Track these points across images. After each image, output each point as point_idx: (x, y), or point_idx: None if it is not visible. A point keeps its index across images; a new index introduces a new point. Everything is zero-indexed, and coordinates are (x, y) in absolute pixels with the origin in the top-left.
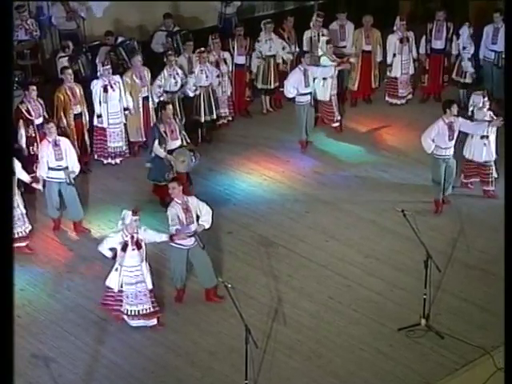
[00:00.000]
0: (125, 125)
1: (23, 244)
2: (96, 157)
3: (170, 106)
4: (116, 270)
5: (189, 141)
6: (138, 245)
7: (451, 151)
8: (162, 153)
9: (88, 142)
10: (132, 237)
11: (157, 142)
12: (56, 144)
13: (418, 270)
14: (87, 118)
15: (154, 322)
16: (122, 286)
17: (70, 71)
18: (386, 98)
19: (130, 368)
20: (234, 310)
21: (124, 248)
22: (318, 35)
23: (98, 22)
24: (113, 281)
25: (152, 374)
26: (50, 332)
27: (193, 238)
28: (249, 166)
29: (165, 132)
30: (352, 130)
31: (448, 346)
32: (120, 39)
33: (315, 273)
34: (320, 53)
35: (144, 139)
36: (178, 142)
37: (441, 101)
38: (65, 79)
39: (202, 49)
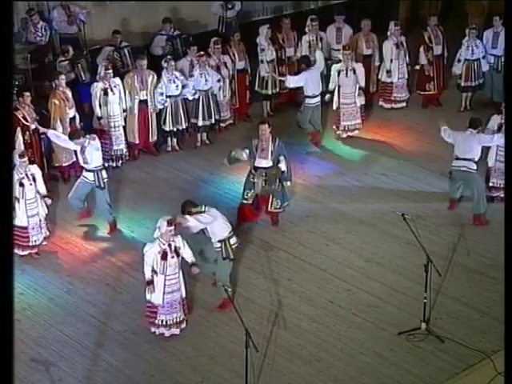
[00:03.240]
0: (124, 127)
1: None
2: None
3: (266, 126)
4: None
5: (279, 166)
6: (176, 252)
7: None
8: (242, 156)
9: None
10: (169, 245)
11: (246, 150)
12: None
13: (418, 274)
14: (78, 121)
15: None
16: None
17: (62, 76)
18: (380, 103)
19: (129, 372)
20: (234, 313)
21: (164, 256)
22: (317, 39)
23: (99, 26)
24: (157, 295)
25: (152, 378)
26: (49, 336)
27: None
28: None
29: (255, 147)
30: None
31: (448, 350)
32: (124, 44)
33: (315, 277)
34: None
35: (138, 142)
36: (264, 162)
37: (441, 104)
38: (57, 84)
39: (202, 52)
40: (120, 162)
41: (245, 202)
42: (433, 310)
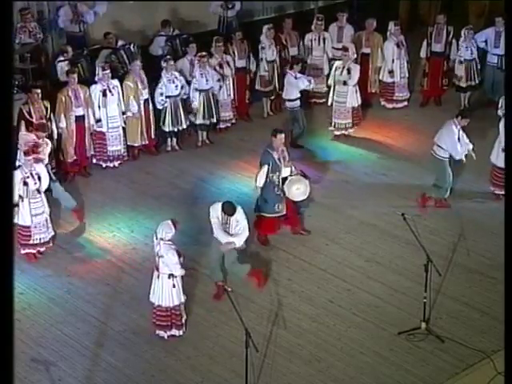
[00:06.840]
0: (123, 128)
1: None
2: (95, 160)
3: (282, 135)
4: (174, 285)
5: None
6: (179, 253)
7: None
8: (262, 182)
9: (88, 146)
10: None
11: (266, 168)
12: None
13: (418, 274)
14: (91, 122)
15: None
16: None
17: (75, 75)
18: (382, 103)
19: (129, 372)
20: (234, 313)
21: (179, 254)
22: (319, 38)
23: (100, 26)
24: (175, 297)
25: (152, 378)
26: (49, 336)
27: None
28: (250, 169)
29: (279, 159)
30: (352, 133)
31: (448, 349)
32: (120, 42)
33: (315, 277)
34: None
35: (144, 143)
36: (288, 170)
37: (441, 104)
38: (69, 82)
39: (204, 53)
40: (117, 162)
41: (274, 214)
42: (433, 309)
